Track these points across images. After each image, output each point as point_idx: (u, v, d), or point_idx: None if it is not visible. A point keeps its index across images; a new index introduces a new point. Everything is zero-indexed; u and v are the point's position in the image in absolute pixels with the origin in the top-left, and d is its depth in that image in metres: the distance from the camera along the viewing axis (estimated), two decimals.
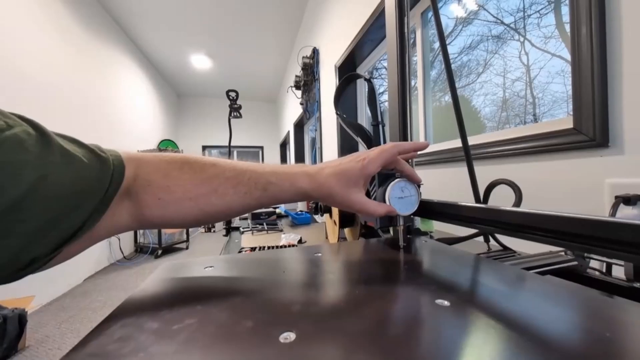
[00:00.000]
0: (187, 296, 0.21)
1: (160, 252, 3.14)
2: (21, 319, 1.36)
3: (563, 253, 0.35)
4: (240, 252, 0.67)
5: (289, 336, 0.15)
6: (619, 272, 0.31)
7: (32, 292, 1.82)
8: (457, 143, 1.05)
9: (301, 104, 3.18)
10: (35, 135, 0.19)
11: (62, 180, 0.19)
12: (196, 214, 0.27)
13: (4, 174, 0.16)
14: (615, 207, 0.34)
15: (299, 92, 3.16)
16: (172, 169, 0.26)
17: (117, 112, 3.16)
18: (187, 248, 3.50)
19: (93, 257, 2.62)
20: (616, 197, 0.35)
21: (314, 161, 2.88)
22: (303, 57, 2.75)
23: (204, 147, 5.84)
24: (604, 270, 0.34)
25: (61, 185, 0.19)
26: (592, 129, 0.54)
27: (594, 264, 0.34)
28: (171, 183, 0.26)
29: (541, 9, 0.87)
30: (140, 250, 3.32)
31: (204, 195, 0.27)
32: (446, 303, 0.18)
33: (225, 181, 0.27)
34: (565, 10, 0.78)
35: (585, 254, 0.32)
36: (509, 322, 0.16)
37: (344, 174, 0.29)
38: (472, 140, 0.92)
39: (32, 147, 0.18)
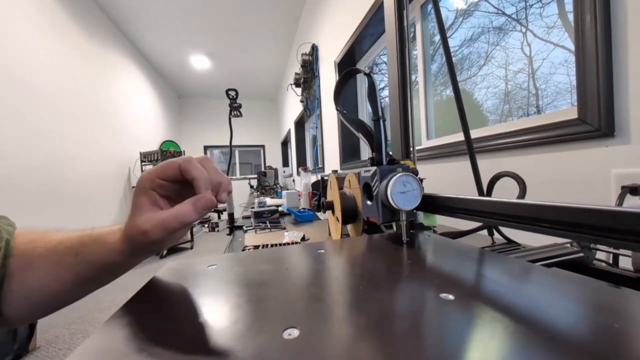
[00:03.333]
0: (191, 294, 0.22)
1: (165, 252, 3.17)
2: None
3: (569, 245, 0.34)
4: (243, 250, 0.67)
5: (292, 332, 0.15)
6: (626, 263, 0.31)
7: None
8: (460, 137, 1.04)
9: (301, 101, 3.18)
10: None
11: (6, 252, 0.22)
12: (19, 299, 0.23)
13: None
14: (621, 198, 0.33)
15: (299, 90, 3.15)
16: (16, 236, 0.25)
17: (118, 114, 3.18)
18: (191, 248, 3.53)
19: None
20: (622, 187, 0.34)
21: (315, 158, 2.87)
22: (302, 54, 2.74)
23: (206, 147, 5.86)
24: (611, 262, 0.34)
25: (4, 256, 0.22)
26: (597, 119, 0.53)
27: (600, 255, 0.33)
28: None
29: None
30: None
31: (18, 272, 0.23)
32: (451, 297, 0.18)
33: (41, 254, 0.24)
34: None
35: (592, 245, 0.32)
36: (515, 315, 0.16)
37: (133, 205, 0.24)
38: (474, 134, 0.91)
39: None
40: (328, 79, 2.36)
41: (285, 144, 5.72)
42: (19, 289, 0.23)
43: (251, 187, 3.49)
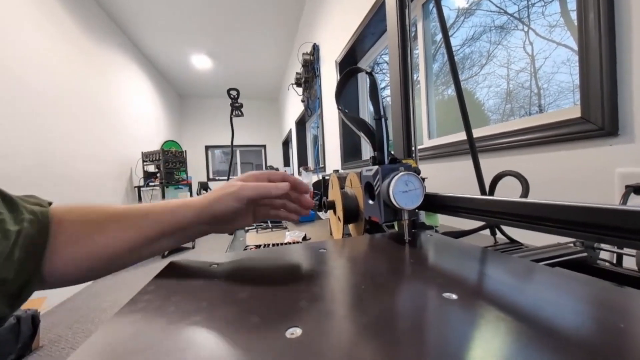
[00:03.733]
0: (193, 294, 0.22)
1: (166, 252, 3.18)
2: (34, 319, 1.39)
3: (572, 245, 0.34)
4: (245, 250, 0.67)
5: (295, 331, 0.15)
6: (630, 262, 0.31)
7: (44, 293, 1.86)
8: (462, 136, 1.03)
9: (302, 101, 3.18)
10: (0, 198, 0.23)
11: (28, 234, 0.23)
12: (83, 260, 0.26)
13: None
14: (625, 197, 0.33)
15: (300, 89, 3.16)
16: (67, 214, 0.27)
17: (120, 114, 3.19)
18: (193, 247, 3.54)
19: None
20: (627, 186, 0.34)
21: (317, 158, 2.87)
22: (303, 54, 2.74)
23: (207, 147, 5.88)
24: (615, 262, 0.33)
25: (28, 238, 0.23)
26: (600, 118, 0.52)
27: (604, 255, 0.33)
28: (60, 228, 0.26)
29: None
30: None
31: (87, 235, 0.27)
32: (454, 296, 0.18)
33: (110, 217, 0.28)
34: None
35: (595, 245, 0.32)
36: (518, 314, 0.16)
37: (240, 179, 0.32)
38: (476, 133, 0.90)
39: (2, 209, 0.22)
40: (329, 78, 2.36)
41: (286, 143, 5.73)
42: (89, 250, 0.26)
43: None
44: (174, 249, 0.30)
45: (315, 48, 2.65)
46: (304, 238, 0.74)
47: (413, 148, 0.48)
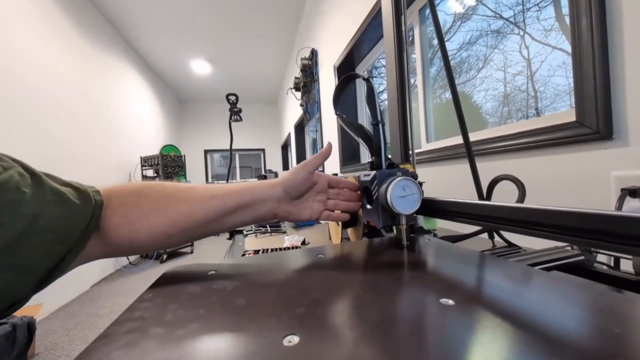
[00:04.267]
0: (190, 301, 0.22)
1: (165, 257, 3.17)
2: (30, 326, 1.38)
3: (569, 248, 0.34)
4: (243, 255, 0.67)
5: (292, 339, 0.15)
6: (627, 266, 0.31)
7: (40, 299, 1.84)
8: (460, 139, 1.04)
9: (301, 105, 3.19)
10: (28, 175, 0.21)
11: (53, 216, 0.21)
12: (162, 226, 0.28)
13: (4, 213, 0.18)
14: (621, 200, 0.33)
15: (298, 94, 3.17)
16: (145, 187, 0.29)
17: (119, 119, 3.19)
18: (191, 252, 3.52)
19: (99, 263, 2.64)
20: (622, 189, 0.34)
21: None
22: (302, 59, 2.76)
23: (206, 152, 5.87)
24: (612, 265, 0.33)
25: (53, 220, 0.21)
26: (595, 121, 0.53)
27: (601, 258, 0.33)
28: (141, 198, 0.28)
29: (540, 1, 0.86)
30: (145, 255, 3.34)
31: (171, 204, 0.28)
32: (451, 302, 0.18)
33: (192, 189, 0.30)
34: (564, 1, 0.78)
35: (592, 248, 0.32)
36: (515, 319, 0.16)
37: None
38: (474, 137, 0.91)
39: (26, 187, 0.20)
40: (327, 82, 2.37)
41: (285, 147, 5.73)
42: (170, 218, 0.28)
43: None
44: (241, 227, 0.35)
45: (314, 53, 2.67)
46: (303, 243, 0.74)
47: (410, 152, 0.48)
